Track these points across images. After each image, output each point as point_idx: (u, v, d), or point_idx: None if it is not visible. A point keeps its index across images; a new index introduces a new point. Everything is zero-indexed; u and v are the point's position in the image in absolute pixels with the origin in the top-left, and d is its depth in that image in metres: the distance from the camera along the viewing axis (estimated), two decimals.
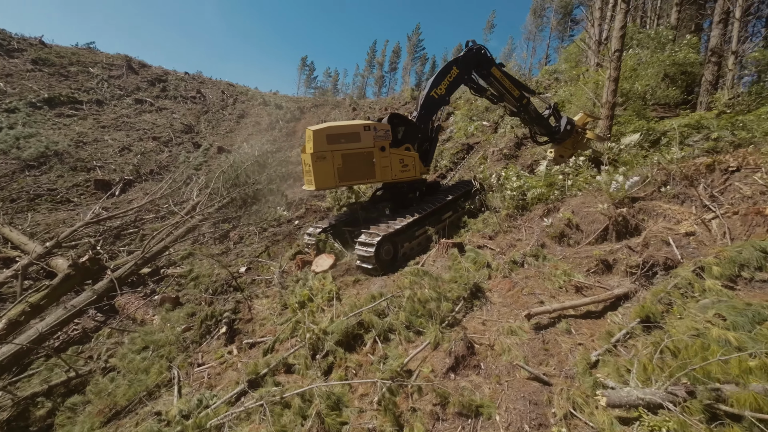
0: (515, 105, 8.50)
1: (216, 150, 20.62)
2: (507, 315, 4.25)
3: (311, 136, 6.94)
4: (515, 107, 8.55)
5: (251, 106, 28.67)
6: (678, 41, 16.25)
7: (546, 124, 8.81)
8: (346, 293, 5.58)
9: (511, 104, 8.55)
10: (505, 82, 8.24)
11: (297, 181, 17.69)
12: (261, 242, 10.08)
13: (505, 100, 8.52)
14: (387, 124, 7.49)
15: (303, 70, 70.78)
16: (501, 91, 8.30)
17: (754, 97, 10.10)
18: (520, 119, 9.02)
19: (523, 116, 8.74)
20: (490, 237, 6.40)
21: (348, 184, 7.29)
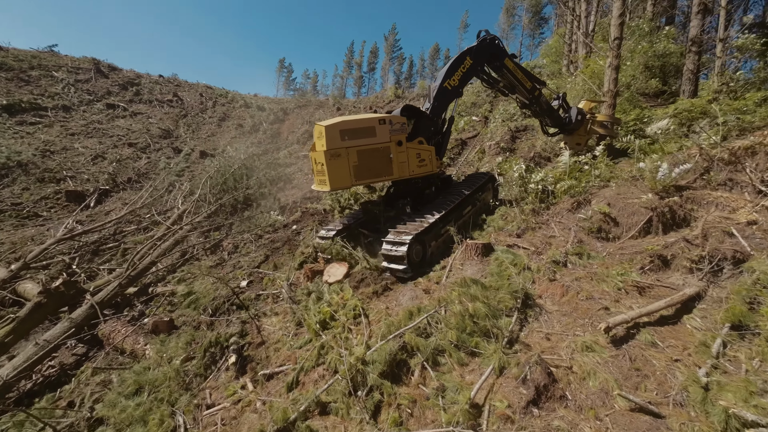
0: (527, 97, 8.00)
1: (198, 154, 19.17)
2: (571, 326, 3.62)
3: (323, 132, 6.08)
4: (527, 99, 8.05)
5: (232, 109, 27.10)
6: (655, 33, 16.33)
7: (557, 116, 8.37)
8: (372, 308, 4.80)
9: (522, 96, 8.02)
10: (517, 74, 7.70)
11: (288, 183, 16.64)
12: (259, 251, 9.10)
13: (516, 92, 7.98)
14: (403, 117, 6.73)
15: (281, 72, 68.60)
16: (513, 82, 7.77)
17: (742, 83, 10.01)
18: (531, 111, 8.49)
19: (534, 108, 8.22)
20: (517, 235, 5.78)
21: (364, 182, 6.51)
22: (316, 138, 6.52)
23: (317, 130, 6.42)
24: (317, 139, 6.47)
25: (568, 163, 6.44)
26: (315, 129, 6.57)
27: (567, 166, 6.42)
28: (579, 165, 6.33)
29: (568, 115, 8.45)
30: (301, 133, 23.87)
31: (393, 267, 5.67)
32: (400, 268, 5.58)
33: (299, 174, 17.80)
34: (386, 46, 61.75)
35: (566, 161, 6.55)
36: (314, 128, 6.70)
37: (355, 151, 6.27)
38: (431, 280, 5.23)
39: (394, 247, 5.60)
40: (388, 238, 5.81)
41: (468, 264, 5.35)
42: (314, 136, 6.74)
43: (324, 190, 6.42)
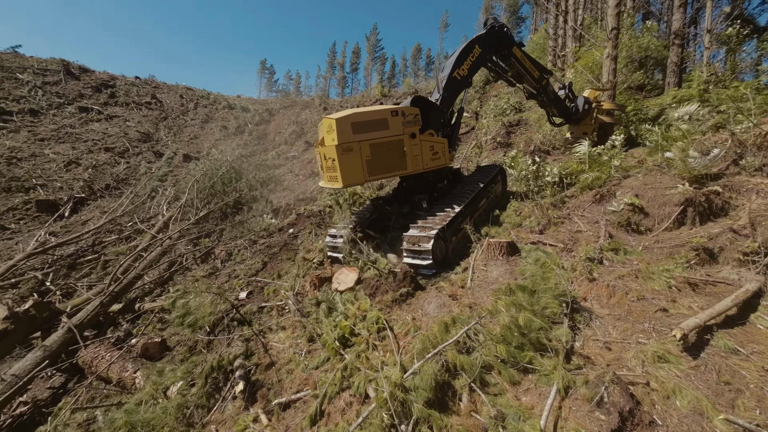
0: (535, 86, 7.63)
1: (181, 158, 18.02)
2: (630, 332, 3.18)
3: (334, 125, 5.51)
4: (535, 89, 7.68)
5: (215, 110, 25.83)
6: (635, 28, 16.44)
7: (564, 106, 8.08)
8: (395, 319, 4.24)
9: (530, 86, 7.64)
10: (525, 63, 7.31)
11: (278, 185, 15.81)
12: (255, 257, 8.36)
13: (524, 82, 7.58)
14: (416, 108, 6.20)
15: (263, 73, 66.67)
16: (521, 72, 7.38)
17: (729, 72, 10.02)
18: (538, 102, 8.12)
19: (541, 98, 7.85)
20: (539, 231, 5.35)
21: (378, 178, 5.96)
22: (325, 132, 5.92)
23: (326, 124, 5.83)
24: (326, 134, 5.87)
25: (587, 154, 6.08)
26: (323, 123, 5.97)
27: (586, 156, 6.05)
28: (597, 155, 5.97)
29: (574, 105, 8.17)
30: (288, 133, 22.96)
31: (416, 263, 5.23)
32: (424, 264, 5.14)
33: (290, 175, 16.98)
34: (368, 47, 60.97)
35: (585, 151, 6.19)
36: (322, 122, 6.09)
37: (367, 144, 5.72)
38: (455, 284, 4.71)
39: (418, 242, 5.14)
40: (412, 233, 5.35)
41: (492, 265, 4.87)
42: (322, 130, 6.13)
43: (335, 187, 5.84)
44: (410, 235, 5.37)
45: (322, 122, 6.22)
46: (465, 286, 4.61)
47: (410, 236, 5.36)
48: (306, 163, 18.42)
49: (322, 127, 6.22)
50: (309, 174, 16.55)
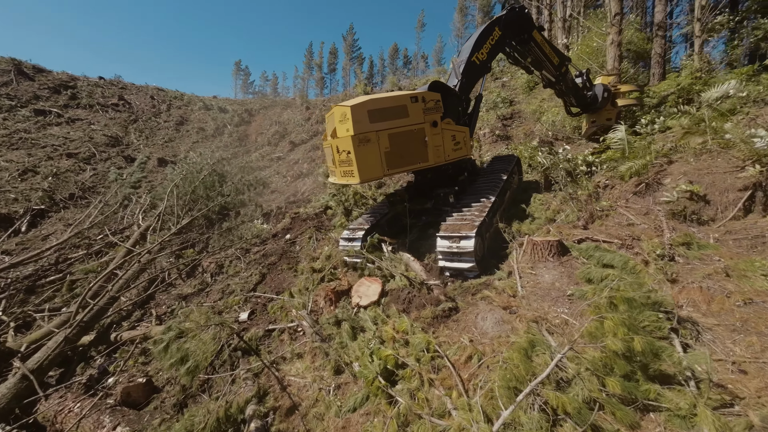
0: (554, 74, 7.02)
1: (156, 162, 16.33)
2: (759, 347, 2.53)
3: (348, 113, 4.64)
4: (554, 76, 7.06)
5: (190, 112, 23.92)
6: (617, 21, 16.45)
7: (582, 95, 7.54)
8: (446, 342, 3.41)
9: (549, 73, 7.01)
10: (545, 48, 6.69)
11: (265, 187, 14.56)
12: (250, 269, 7.28)
13: (543, 68, 6.94)
14: (437, 94, 5.39)
15: (238, 74, 63.73)
16: (541, 58, 6.74)
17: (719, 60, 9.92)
18: (555, 90, 7.52)
19: (560, 86, 7.26)
20: (583, 226, 4.69)
21: (397, 171, 5.12)
22: (337, 122, 5.02)
23: (339, 113, 4.94)
24: (339, 123, 4.97)
25: (625, 140, 5.48)
26: (334, 112, 5.08)
27: (624, 143, 5.45)
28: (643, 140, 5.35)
29: (592, 93, 7.65)
30: (271, 134, 21.58)
31: (455, 266, 4.48)
32: (466, 267, 4.39)
33: (277, 177, 15.75)
34: (345, 47, 59.59)
35: (622, 137, 5.58)
36: (332, 112, 5.19)
37: (386, 134, 4.88)
38: (503, 292, 3.95)
39: (457, 242, 4.37)
40: (445, 233, 4.58)
41: (543, 268, 4.14)
42: (333, 120, 5.21)
43: (350, 183, 4.97)
44: (443, 236, 4.58)
45: (332, 112, 5.30)
46: (516, 295, 3.86)
47: (444, 236, 4.57)
48: (293, 164, 17.25)
49: (332, 118, 5.31)
50: (297, 175, 15.41)
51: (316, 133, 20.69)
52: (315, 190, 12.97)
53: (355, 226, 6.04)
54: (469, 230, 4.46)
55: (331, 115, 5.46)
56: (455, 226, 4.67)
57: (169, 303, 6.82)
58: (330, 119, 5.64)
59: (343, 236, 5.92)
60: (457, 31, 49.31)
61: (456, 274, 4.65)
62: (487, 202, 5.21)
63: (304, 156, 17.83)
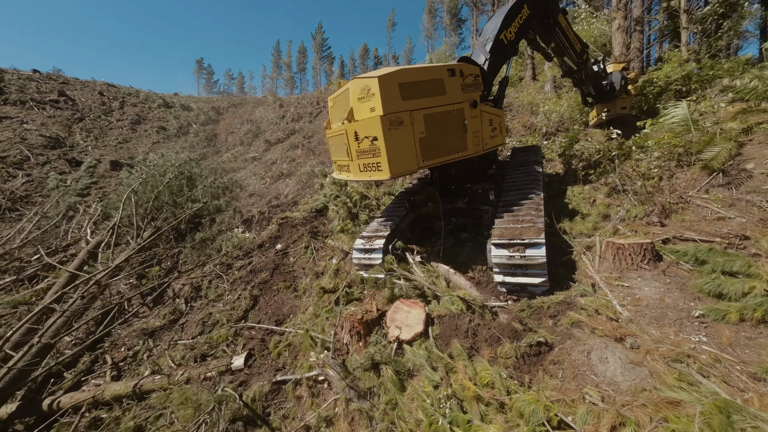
0: (576, 61, 6.27)
1: (109, 166, 13.88)
2: None
3: (374, 87, 3.52)
4: (576, 64, 6.31)
5: (148, 110, 21.11)
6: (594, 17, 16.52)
7: (600, 83, 6.93)
8: (552, 397, 2.34)
9: (572, 60, 6.25)
10: (569, 34, 5.93)
11: (242, 191, 12.78)
12: (236, 289, 5.80)
13: (566, 55, 6.15)
14: (476, 68, 4.34)
15: (200, 73, 59.07)
16: (564, 44, 5.96)
17: (705, 52, 9.87)
18: (573, 79, 6.78)
19: (580, 75, 6.53)
20: (659, 222, 3.86)
21: (432, 163, 3.97)
22: (355, 100, 3.81)
23: (357, 88, 3.74)
24: (358, 102, 3.77)
25: (689, 120, 4.69)
26: (352, 87, 3.87)
27: (689, 123, 4.66)
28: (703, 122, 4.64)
29: (608, 81, 7.04)
30: (243, 133, 19.53)
31: (522, 282, 3.45)
32: (536, 282, 3.36)
33: (254, 179, 13.97)
34: (314, 46, 57.24)
35: (685, 116, 4.76)
36: (347, 88, 3.97)
37: (421, 115, 3.76)
38: (596, 313, 2.97)
39: (522, 251, 3.34)
40: (503, 239, 3.56)
41: (636, 278, 3.22)
42: (348, 99, 4.00)
43: (375, 178, 3.78)
44: (506, 242, 3.53)
45: (344, 89, 4.06)
46: (619, 318, 2.89)
47: (506, 242, 3.52)
48: (270, 164, 15.52)
49: (344, 97, 4.07)
50: (277, 176, 13.75)
51: (293, 132, 18.99)
52: (300, 192, 11.48)
53: (370, 233, 4.82)
54: (535, 235, 3.44)
55: (342, 95, 4.22)
56: (514, 231, 3.64)
57: (131, 342, 5.18)
58: (339, 101, 4.38)
59: (357, 246, 4.69)
60: (426, 32, 49.02)
61: (517, 290, 3.62)
62: (538, 199, 4.25)
63: (282, 155, 16.16)
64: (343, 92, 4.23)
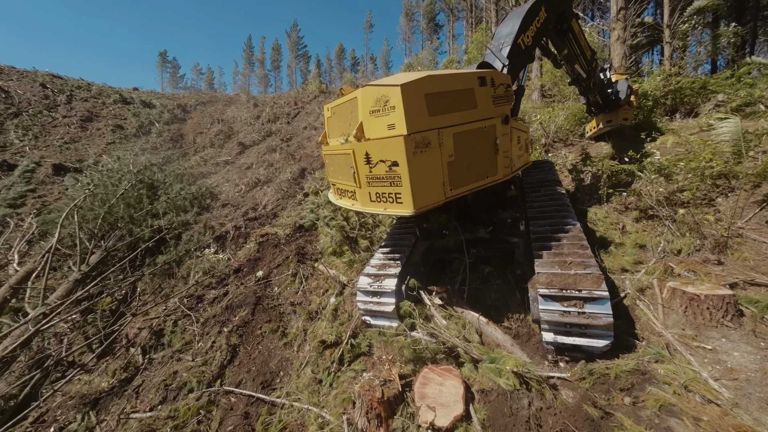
0: (586, 69, 5.77)
1: (51, 170, 11.81)
2: None
3: (396, 98, 2.74)
4: (585, 71, 5.81)
5: (102, 106, 18.64)
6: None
7: (607, 93, 6.54)
8: None
9: (582, 68, 5.74)
10: (581, 40, 5.42)
11: (214, 200, 11.32)
12: (209, 333, 4.69)
13: (576, 62, 5.63)
14: (507, 76, 3.60)
15: (164, 66, 54.51)
16: (576, 51, 5.44)
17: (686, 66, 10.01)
18: (580, 88, 6.31)
19: (588, 83, 6.06)
20: (717, 260, 3.35)
21: (460, 192, 3.15)
22: (365, 113, 2.96)
23: (372, 96, 2.87)
24: (370, 117, 2.92)
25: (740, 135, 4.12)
26: (364, 95, 2.98)
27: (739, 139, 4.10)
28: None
29: (613, 90, 6.68)
30: (213, 134, 17.77)
31: (581, 344, 2.78)
32: (600, 346, 2.70)
33: (227, 186, 12.50)
34: (290, 44, 54.83)
35: (736, 131, 4.13)
36: (359, 94, 3.05)
37: (451, 134, 2.96)
38: (685, 391, 2.33)
39: (580, 307, 2.68)
40: (553, 290, 2.85)
41: (719, 338, 2.64)
42: (355, 110, 3.11)
43: (397, 213, 2.93)
44: (557, 294, 2.82)
45: (354, 97, 3.16)
46: (719, 398, 2.26)
47: (558, 294, 2.82)
48: (245, 169, 14.08)
49: (354, 106, 3.17)
50: (253, 183, 12.39)
51: (269, 134, 17.55)
52: (280, 202, 10.29)
53: (376, 269, 3.95)
54: (595, 285, 2.76)
55: (345, 106, 3.33)
56: (566, 278, 2.94)
57: (67, 412, 3.92)
58: (342, 112, 3.48)
59: (362, 287, 3.81)
60: (404, 35, 48.62)
61: (570, 349, 2.92)
62: (577, 232, 3.60)
63: (258, 159, 14.78)
64: (347, 102, 3.33)
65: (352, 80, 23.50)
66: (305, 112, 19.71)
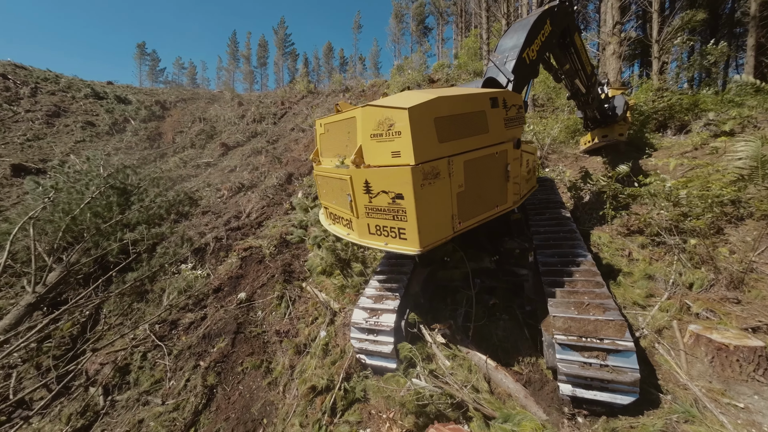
0: (586, 84, 5.60)
1: (9, 170, 10.75)
2: None
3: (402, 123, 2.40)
4: (585, 86, 5.64)
5: (71, 100, 17.33)
6: None
7: (604, 108, 6.42)
8: None
9: (582, 83, 5.55)
10: (583, 55, 5.25)
11: (193, 206, 10.60)
12: (184, 371, 4.18)
13: (577, 78, 5.44)
14: (519, 96, 3.30)
15: (142, 59, 51.97)
16: (578, 66, 5.26)
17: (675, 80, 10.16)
18: (578, 102, 6.13)
19: (588, 98, 5.90)
20: (735, 299, 3.17)
21: (469, 225, 2.80)
22: (365, 137, 2.65)
23: (374, 117, 2.53)
24: (373, 138, 2.59)
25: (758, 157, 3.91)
26: (364, 115, 2.63)
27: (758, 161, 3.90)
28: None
29: (609, 105, 6.57)
30: (194, 133, 16.86)
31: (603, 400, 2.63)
32: (625, 403, 2.59)
33: (207, 191, 11.76)
34: (276, 40, 53.43)
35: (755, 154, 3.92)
36: (358, 114, 2.68)
37: (461, 162, 2.63)
38: None
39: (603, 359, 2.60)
40: (573, 340, 2.56)
41: (751, 394, 2.42)
42: (354, 130, 2.76)
43: (400, 249, 2.57)
44: (577, 343, 2.54)
45: (352, 117, 2.77)
46: None
47: (578, 344, 2.54)
48: (228, 172, 13.38)
49: (352, 126, 2.78)
50: (236, 188, 11.72)
51: (255, 134, 16.83)
52: (265, 210, 9.73)
53: (372, 302, 3.56)
54: (618, 334, 2.49)
55: (341, 125, 2.95)
56: (585, 324, 2.66)
57: None
58: (336, 130, 3.09)
59: (356, 322, 3.42)
60: (393, 36, 48.31)
61: (589, 403, 2.65)
62: (590, 265, 3.35)
63: (243, 162, 14.11)
64: (343, 120, 2.93)
65: (340, 81, 22.93)
66: (293, 112, 19.04)
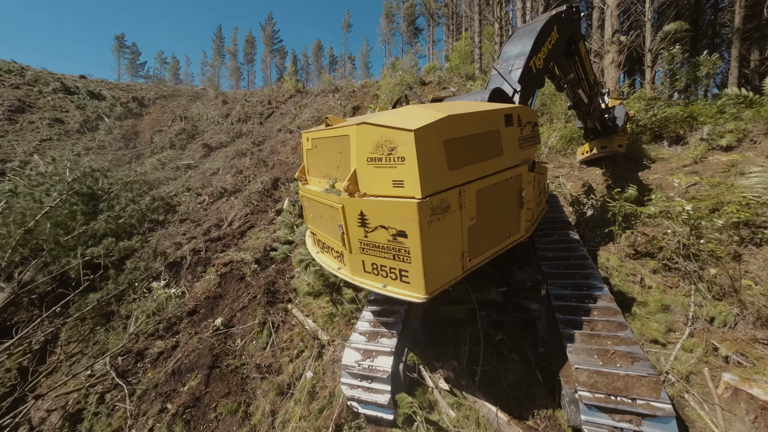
0: (588, 94, 5.35)
1: None
2: None
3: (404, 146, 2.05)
4: (588, 96, 5.40)
5: (38, 95, 16.10)
6: None
7: (605, 118, 6.22)
8: None
9: (585, 92, 5.30)
10: (586, 63, 4.99)
11: (170, 213, 9.87)
12: (147, 417, 3.62)
13: (580, 87, 5.19)
14: (534, 113, 2.94)
15: (121, 52, 49.65)
16: (581, 75, 5.01)
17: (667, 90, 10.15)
18: (579, 112, 5.89)
19: (589, 108, 5.67)
20: (755, 339, 2.89)
21: (480, 262, 2.40)
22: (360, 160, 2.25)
23: (372, 137, 2.10)
24: (369, 163, 2.13)
25: None
26: (359, 134, 2.18)
27: None
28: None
29: (610, 116, 6.38)
30: (174, 132, 15.96)
31: None
32: None
33: (187, 196, 11.00)
34: (264, 37, 52.09)
35: None
36: (352, 133, 2.21)
37: (474, 191, 2.21)
38: None
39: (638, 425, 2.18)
40: (598, 400, 2.21)
41: None
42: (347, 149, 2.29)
43: (401, 295, 2.13)
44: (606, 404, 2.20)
45: (345, 135, 2.32)
46: None
47: (607, 406, 2.20)
48: (210, 174, 12.64)
49: (345, 146, 2.34)
50: (219, 193, 11.03)
51: (239, 135, 16.09)
52: (249, 218, 9.14)
53: (365, 340, 3.12)
54: (654, 395, 2.15)
55: (331, 143, 2.51)
56: (614, 380, 2.30)
57: None
58: (326, 147, 2.64)
59: (348, 366, 2.97)
60: (384, 36, 47.86)
61: None
62: (609, 300, 3.03)
63: (226, 164, 13.39)
64: (334, 137, 2.48)
65: (330, 80, 22.31)
66: (280, 112, 18.34)
